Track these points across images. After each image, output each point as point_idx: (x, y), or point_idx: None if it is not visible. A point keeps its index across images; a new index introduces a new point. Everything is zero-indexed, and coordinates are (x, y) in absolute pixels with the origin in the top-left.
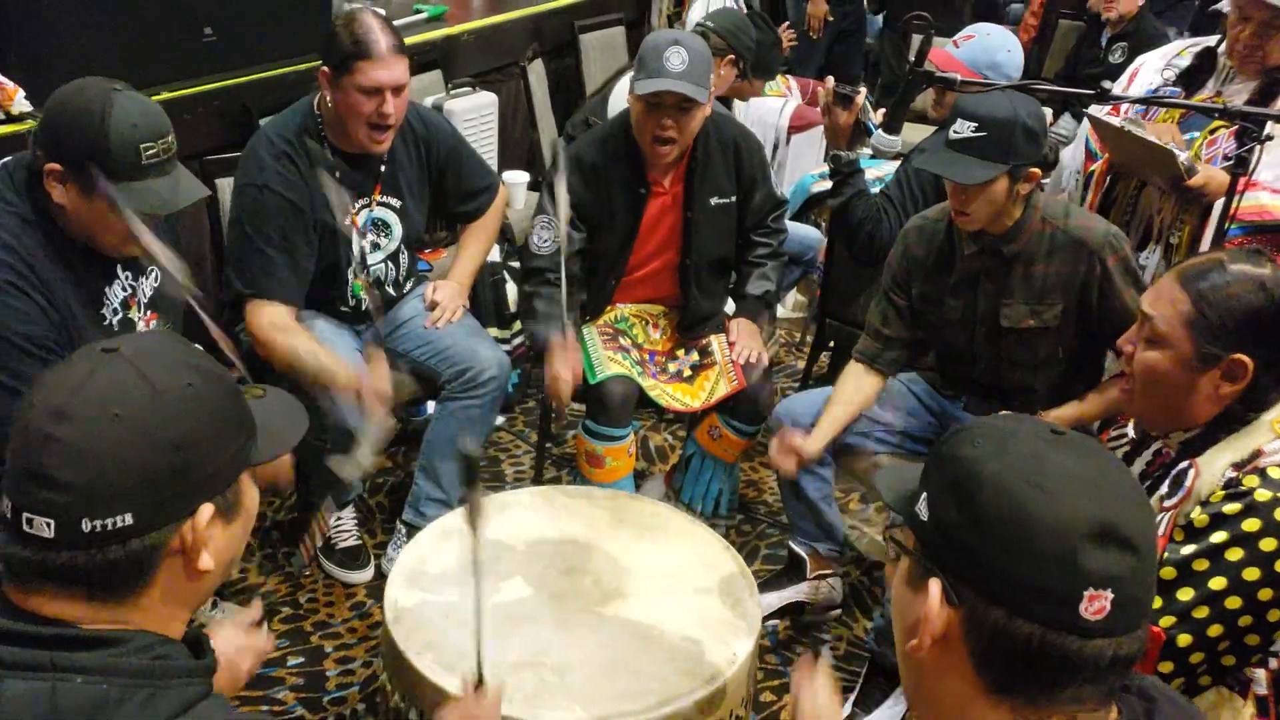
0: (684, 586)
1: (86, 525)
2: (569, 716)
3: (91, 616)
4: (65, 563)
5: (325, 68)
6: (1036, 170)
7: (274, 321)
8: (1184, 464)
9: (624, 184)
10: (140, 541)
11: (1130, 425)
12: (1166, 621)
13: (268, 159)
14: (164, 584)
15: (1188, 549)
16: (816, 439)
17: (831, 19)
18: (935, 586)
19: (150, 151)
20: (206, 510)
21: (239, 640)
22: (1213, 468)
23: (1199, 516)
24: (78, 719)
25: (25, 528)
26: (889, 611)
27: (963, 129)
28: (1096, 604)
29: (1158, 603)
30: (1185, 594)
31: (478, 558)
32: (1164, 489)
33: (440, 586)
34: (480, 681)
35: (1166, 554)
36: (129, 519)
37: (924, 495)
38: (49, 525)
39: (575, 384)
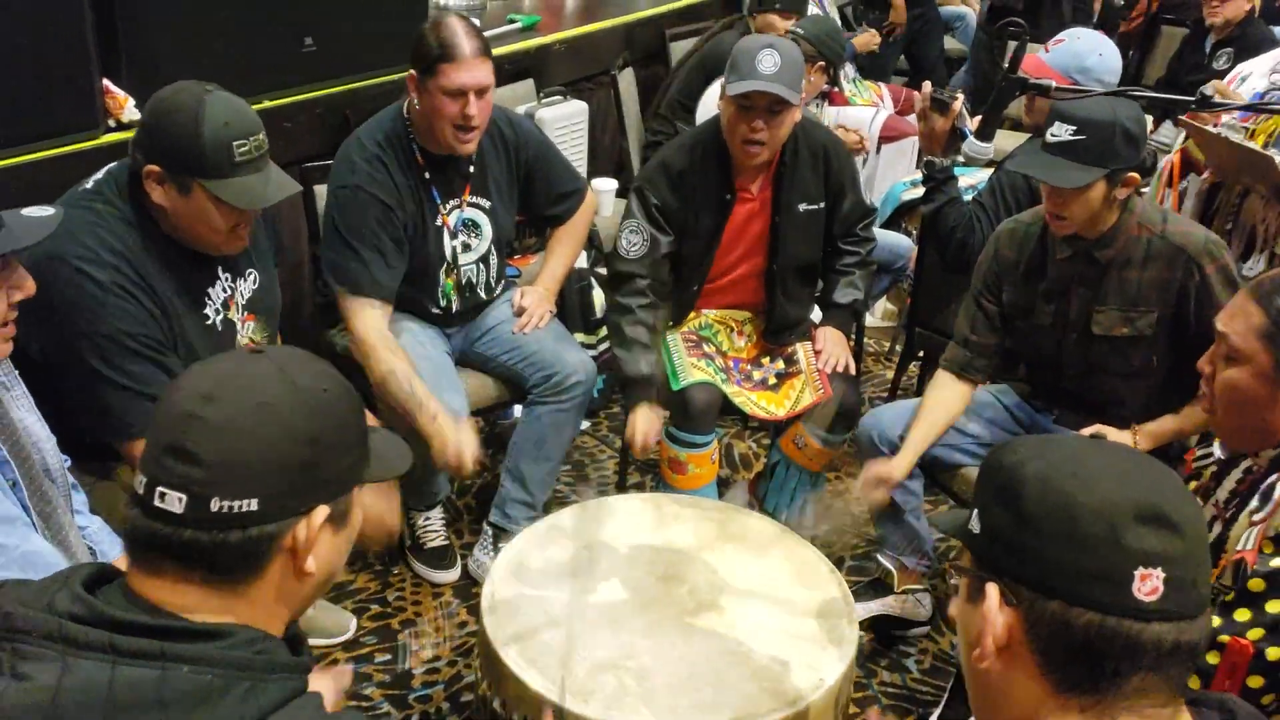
0: (781, 605)
1: (215, 504)
2: None
3: (203, 604)
4: (188, 540)
5: (412, 71)
6: (1135, 175)
7: (381, 333)
8: (1273, 477)
9: (710, 190)
10: (259, 529)
11: (1216, 445)
12: (1255, 634)
13: (359, 161)
14: (273, 579)
15: (1277, 561)
16: (903, 460)
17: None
18: (992, 589)
19: (242, 149)
20: (321, 512)
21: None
22: None
23: None
24: (182, 707)
25: (157, 502)
26: None
27: (1061, 132)
28: (1149, 584)
29: (1246, 615)
30: (1275, 606)
31: None
32: (1254, 503)
33: (540, 582)
34: None
35: (1256, 566)
36: (254, 504)
37: (974, 512)
38: (180, 500)
39: (650, 449)
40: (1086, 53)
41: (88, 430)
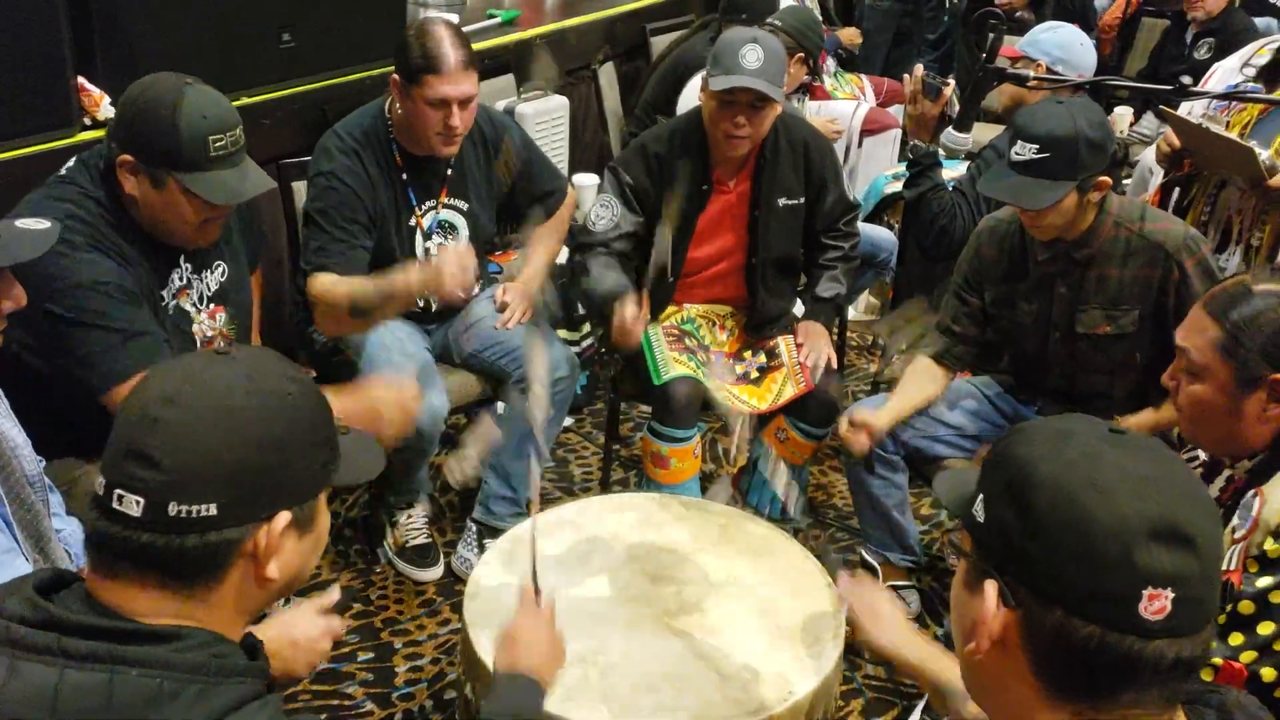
0: (767, 614)
1: (173, 509)
2: (593, 717)
3: (160, 608)
4: (144, 543)
5: (396, 76)
6: (1106, 179)
7: (325, 283)
8: (1250, 493)
9: (687, 179)
10: (218, 535)
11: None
12: (1248, 657)
13: (335, 151)
14: (233, 585)
15: (1264, 581)
16: (886, 415)
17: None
18: (991, 588)
19: (219, 143)
20: (283, 517)
21: (316, 623)
22: (1277, 494)
23: (1272, 547)
24: (131, 711)
25: (115, 504)
26: None
27: (1024, 151)
28: (1157, 603)
29: (1239, 639)
30: (1266, 628)
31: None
32: (1234, 520)
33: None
34: (536, 590)
35: (1243, 587)
36: (212, 509)
37: (980, 497)
38: (138, 504)
39: (638, 336)
40: (1070, 42)
41: (74, 386)
